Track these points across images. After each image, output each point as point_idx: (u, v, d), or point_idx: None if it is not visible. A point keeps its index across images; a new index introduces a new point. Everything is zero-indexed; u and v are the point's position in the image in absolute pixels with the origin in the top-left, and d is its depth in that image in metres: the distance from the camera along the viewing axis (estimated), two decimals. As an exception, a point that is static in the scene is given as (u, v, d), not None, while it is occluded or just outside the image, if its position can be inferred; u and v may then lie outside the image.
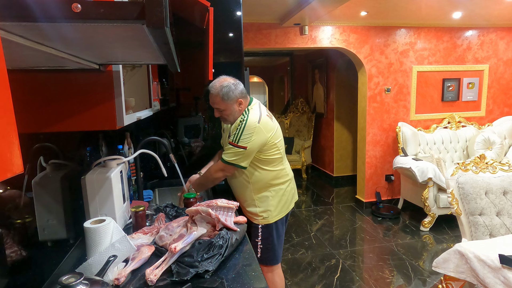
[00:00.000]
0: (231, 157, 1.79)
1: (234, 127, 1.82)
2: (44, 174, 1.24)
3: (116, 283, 1.07)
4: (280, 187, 1.94)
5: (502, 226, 2.03)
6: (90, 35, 0.67)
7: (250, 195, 1.91)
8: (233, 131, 1.81)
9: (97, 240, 1.16)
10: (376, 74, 4.28)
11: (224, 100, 1.78)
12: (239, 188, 1.95)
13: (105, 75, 1.13)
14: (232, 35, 2.46)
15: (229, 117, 1.84)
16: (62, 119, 1.13)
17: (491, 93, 4.64)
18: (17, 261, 1.02)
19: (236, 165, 1.81)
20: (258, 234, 1.95)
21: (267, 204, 1.91)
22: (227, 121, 1.87)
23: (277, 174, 1.92)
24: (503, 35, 4.55)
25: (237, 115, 1.83)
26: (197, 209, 1.35)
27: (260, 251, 1.96)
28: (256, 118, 1.79)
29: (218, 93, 1.78)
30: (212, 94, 1.80)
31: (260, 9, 3.49)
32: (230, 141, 1.79)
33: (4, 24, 0.52)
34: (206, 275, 1.13)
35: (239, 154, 1.78)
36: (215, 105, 1.81)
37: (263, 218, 1.93)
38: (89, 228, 1.16)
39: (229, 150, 1.79)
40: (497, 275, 1.55)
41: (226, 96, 1.78)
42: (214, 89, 1.80)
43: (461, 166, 2.12)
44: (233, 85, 1.80)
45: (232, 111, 1.81)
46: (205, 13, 1.11)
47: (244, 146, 1.76)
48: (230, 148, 1.79)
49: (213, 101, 1.81)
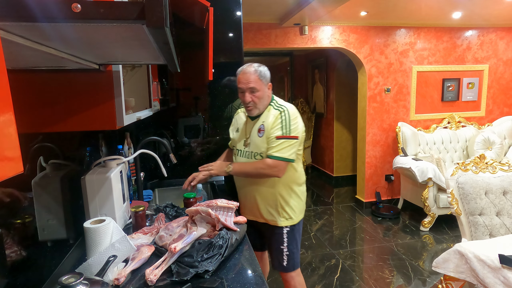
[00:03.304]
0: (288, 151, 1.67)
1: (274, 121, 1.69)
2: (44, 174, 1.24)
3: (116, 283, 1.07)
4: (303, 186, 1.88)
5: (502, 226, 2.03)
6: (90, 35, 0.67)
7: (275, 197, 1.78)
8: (275, 125, 1.68)
9: (97, 240, 1.16)
10: (376, 74, 4.28)
11: (261, 78, 1.69)
12: (264, 189, 1.80)
13: (105, 75, 1.13)
14: (232, 35, 2.46)
15: (260, 103, 1.71)
16: (62, 119, 1.13)
17: (491, 93, 4.64)
18: (17, 261, 1.02)
19: (291, 161, 1.70)
20: (283, 240, 1.83)
21: (293, 204, 1.82)
22: (256, 108, 1.73)
23: (301, 171, 1.87)
24: (503, 35, 4.55)
25: (266, 102, 1.73)
26: (197, 209, 1.35)
27: (287, 258, 1.84)
28: (291, 105, 1.74)
29: (256, 70, 1.68)
30: (247, 73, 1.68)
31: (260, 9, 3.49)
32: (279, 135, 1.66)
33: (4, 24, 0.52)
34: (206, 275, 1.13)
35: (294, 146, 1.68)
36: (250, 84, 1.67)
37: (288, 219, 1.82)
38: (89, 228, 1.16)
39: (282, 145, 1.66)
40: (497, 275, 1.55)
41: (263, 74, 1.69)
42: (249, 68, 1.69)
43: (461, 166, 2.12)
44: (267, 68, 1.74)
45: (264, 94, 1.71)
46: (205, 13, 1.11)
47: (296, 136, 1.67)
48: (282, 142, 1.65)
49: (247, 80, 1.67)
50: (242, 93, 1.72)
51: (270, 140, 1.68)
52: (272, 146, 1.67)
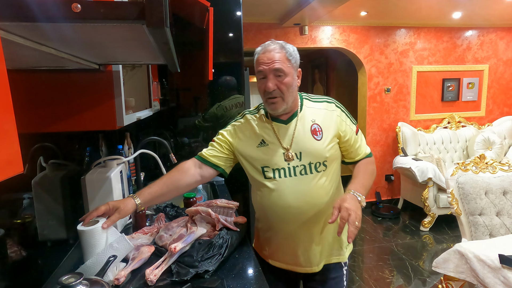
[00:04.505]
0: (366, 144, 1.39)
1: (331, 115, 1.28)
2: (44, 174, 1.24)
3: (116, 283, 1.07)
4: None
5: (502, 226, 2.03)
6: (90, 35, 0.67)
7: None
8: (340, 119, 1.29)
9: (92, 242, 1.12)
10: (376, 74, 4.28)
11: (290, 59, 1.21)
12: (328, 213, 1.23)
13: (105, 75, 1.14)
14: (232, 35, 2.46)
15: (288, 93, 1.21)
16: (62, 119, 1.13)
17: (491, 93, 4.64)
18: (17, 261, 1.02)
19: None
20: (343, 280, 1.38)
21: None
22: (283, 101, 1.21)
23: None
24: (503, 35, 4.55)
25: (295, 95, 1.26)
26: (197, 209, 1.35)
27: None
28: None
29: (283, 47, 1.21)
30: (271, 50, 1.19)
31: (260, 9, 3.49)
32: (356, 128, 1.33)
33: (4, 24, 0.52)
34: (206, 275, 1.13)
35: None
36: (275, 64, 1.18)
37: (347, 246, 1.39)
38: (82, 231, 1.12)
39: (361, 139, 1.35)
40: (497, 275, 1.55)
41: (292, 54, 1.22)
42: (273, 44, 1.21)
43: (461, 166, 2.12)
44: (296, 48, 1.26)
45: (294, 82, 1.23)
46: (205, 13, 1.11)
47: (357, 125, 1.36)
48: (359, 136, 1.34)
49: (271, 59, 1.18)
50: (263, 79, 1.22)
51: (351, 138, 1.30)
52: (359, 143, 1.33)
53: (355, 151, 1.33)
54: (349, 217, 1.06)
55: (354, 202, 1.11)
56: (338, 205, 1.10)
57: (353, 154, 1.33)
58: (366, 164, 1.34)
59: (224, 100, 2.50)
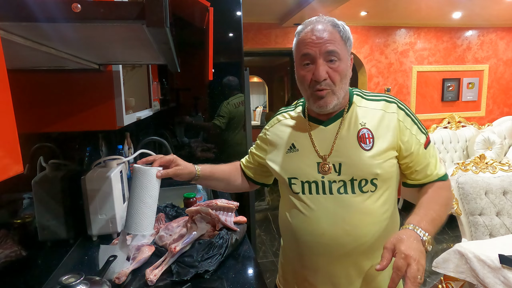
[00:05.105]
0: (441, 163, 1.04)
1: (389, 120, 0.98)
2: (44, 174, 1.24)
3: (116, 282, 1.07)
4: None
5: (502, 226, 2.03)
6: (90, 35, 0.67)
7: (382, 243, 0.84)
8: (403, 126, 0.97)
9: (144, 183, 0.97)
10: (376, 74, 4.29)
11: (344, 40, 0.95)
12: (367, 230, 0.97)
13: (105, 75, 1.14)
14: (232, 35, 2.46)
15: (340, 85, 0.96)
16: (62, 119, 1.13)
17: (491, 93, 4.65)
18: (17, 261, 1.02)
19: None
20: None
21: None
22: (333, 94, 0.95)
23: None
24: (503, 35, 4.55)
25: (346, 87, 1.00)
26: (197, 209, 1.35)
27: None
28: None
29: (336, 25, 0.94)
30: (320, 28, 0.92)
31: (260, 9, 3.50)
32: (426, 140, 0.99)
33: (4, 24, 0.52)
34: (206, 275, 1.13)
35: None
36: (329, 45, 0.92)
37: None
38: (138, 168, 0.98)
39: (435, 154, 1.02)
40: (497, 275, 1.55)
41: (348, 35, 0.97)
42: (323, 20, 0.94)
43: (461, 166, 2.12)
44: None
45: (348, 71, 0.99)
46: (205, 13, 1.11)
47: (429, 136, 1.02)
48: (433, 150, 1.01)
49: (321, 37, 0.91)
50: (308, 65, 0.95)
51: (416, 152, 0.98)
52: (428, 160, 0.99)
53: (422, 171, 0.99)
54: (408, 268, 0.76)
55: (417, 244, 0.83)
56: (391, 246, 0.79)
57: (419, 174, 1.00)
58: (437, 189, 0.99)
59: (230, 98, 2.56)
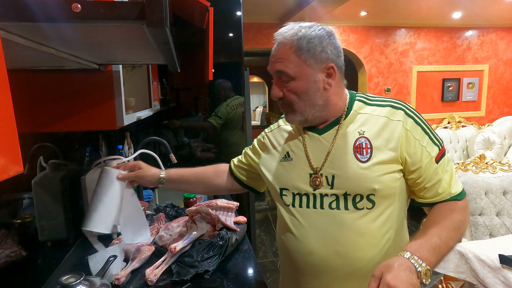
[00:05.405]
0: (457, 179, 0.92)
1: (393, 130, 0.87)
2: (44, 174, 1.24)
3: (116, 283, 1.07)
4: None
5: (502, 226, 2.03)
6: (90, 35, 0.67)
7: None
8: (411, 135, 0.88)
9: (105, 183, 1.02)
10: (376, 74, 4.29)
11: (302, 53, 0.83)
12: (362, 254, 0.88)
13: (105, 75, 1.14)
14: (232, 35, 2.46)
15: (299, 103, 0.87)
16: (62, 119, 1.13)
17: (491, 93, 4.65)
18: (17, 261, 1.02)
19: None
20: None
21: None
22: (296, 113, 0.89)
23: None
24: (503, 35, 4.55)
25: (315, 101, 0.87)
26: (197, 209, 1.35)
27: None
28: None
29: (295, 35, 0.84)
30: (277, 41, 0.88)
31: (260, 9, 3.50)
32: (439, 154, 0.90)
33: (4, 24, 0.52)
34: (206, 275, 1.13)
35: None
36: (277, 65, 0.86)
37: None
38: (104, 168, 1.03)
39: (451, 168, 0.91)
40: (497, 275, 1.55)
41: (312, 43, 0.83)
42: (284, 31, 0.87)
43: (461, 166, 2.12)
44: (324, 33, 0.85)
45: (306, 86, 0.85)
46: (205, 13, 1.11)
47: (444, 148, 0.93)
48: (448, 164, 0.91)
49: (273, 56, 0.88)
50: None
51: (425, 167, 0.87)
52: (440, 177, 0.87)
53: (432, 188, 0.87)
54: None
55: (407, 275, 0.69)
56: (379, 274, 0.71)
57: (429, 192, 0.88)
58: (448, 211, 0.87)
59: (229, 100, 2.56)
